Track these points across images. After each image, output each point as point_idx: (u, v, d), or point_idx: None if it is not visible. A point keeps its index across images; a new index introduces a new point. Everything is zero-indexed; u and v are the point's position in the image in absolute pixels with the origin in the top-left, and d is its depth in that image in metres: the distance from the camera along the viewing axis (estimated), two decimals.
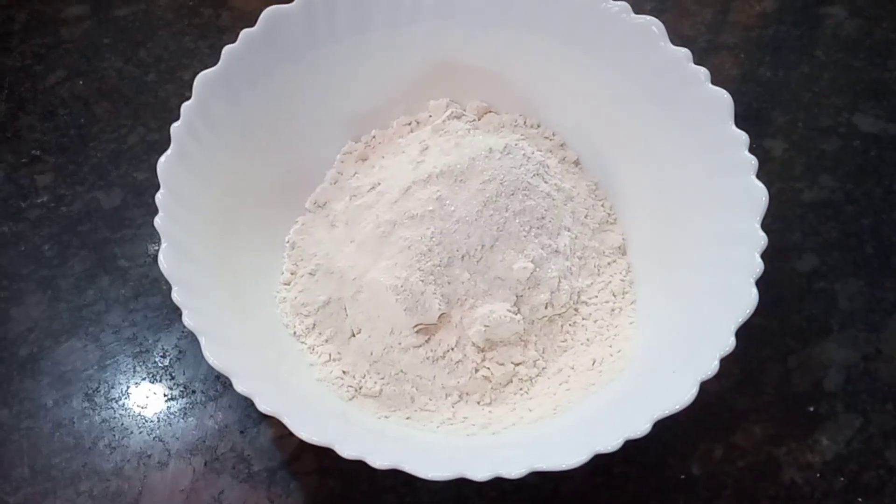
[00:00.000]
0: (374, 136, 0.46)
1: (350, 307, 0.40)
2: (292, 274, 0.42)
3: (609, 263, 0.42)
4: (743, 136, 0.37)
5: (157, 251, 0.35)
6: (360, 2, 0.44)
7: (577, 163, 0.45)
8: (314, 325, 0.40)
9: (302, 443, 0.31)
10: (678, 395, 0.32)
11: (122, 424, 0.40)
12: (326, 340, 0.40)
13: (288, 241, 0.43)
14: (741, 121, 0.38)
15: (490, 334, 0.38)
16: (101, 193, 0.49)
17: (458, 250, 0.38)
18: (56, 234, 0.47)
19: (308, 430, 0.31)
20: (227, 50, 0.40)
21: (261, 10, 0.41)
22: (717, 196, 0.37)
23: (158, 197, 0.36)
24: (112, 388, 0.42)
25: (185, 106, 0.39)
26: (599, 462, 0.31)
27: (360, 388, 0.38)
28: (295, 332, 0.40)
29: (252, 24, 0.41)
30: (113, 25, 0.57)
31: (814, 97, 0.52)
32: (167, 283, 0.34)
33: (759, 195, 0.35)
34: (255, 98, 0.42)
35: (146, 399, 0.41)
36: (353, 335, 0.40)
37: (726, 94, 0.38)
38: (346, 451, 0.31)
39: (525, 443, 0.35)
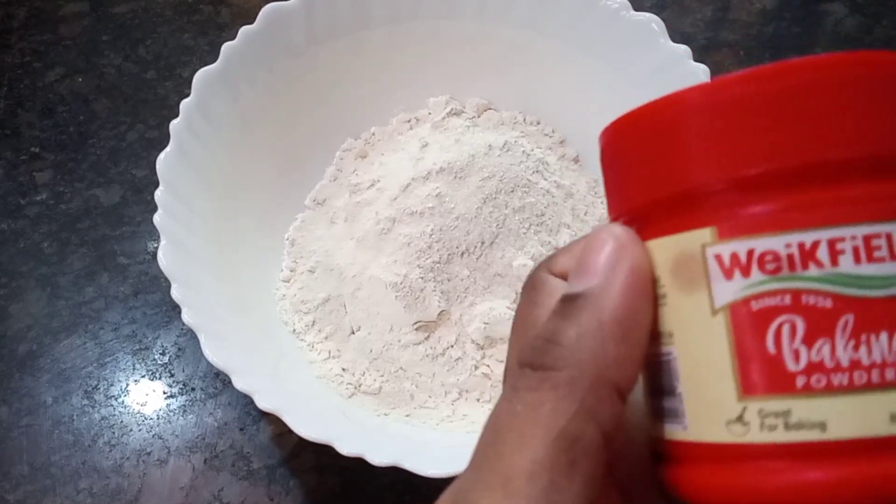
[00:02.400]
0: (373, 133, 0.46)
1: (350, 304, 0.40)
2: (292, 271, 0.42)
3: None
4: None
5: (157, 248, 0.35)
6: None
7: (576, 160, 0.45)
8: (314, 322, 0.40)
9: (301, 440, 0.31)
10: None
11: (122, 422, 0.40)
12: (326, 338, 0.40)
13: (287, 238, 0.43)
14: None
15: (490, 331, 0.38)
16: (101, 191, 0.49)
17: (457, 247, 0.38)
18: (55, 231, 0.47)
19: (307, 428, 0.31)
20: (226, 47, 0.40)
21: (260, 7, 0.41)
22: None
23: (158, 194, 0.36)
24: (111, 385, 0.42)
25: (184, 103, 0.39)
26: None
27: (360, 386, 0.38)
28: (294, 330, 0.40)
29: (251, 20, 0.41)
30: (112, 22, 0.57)
31: None
32: (166, 280, 0.34)
33: None
34: (254, 95, 0.42)
35: (145, 396, 0.41)
36: (353, 332, 0.39)
37: None
38: (346, 448, 0.31)
39: None
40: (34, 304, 0.44)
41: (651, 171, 0.17)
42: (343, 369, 0.39)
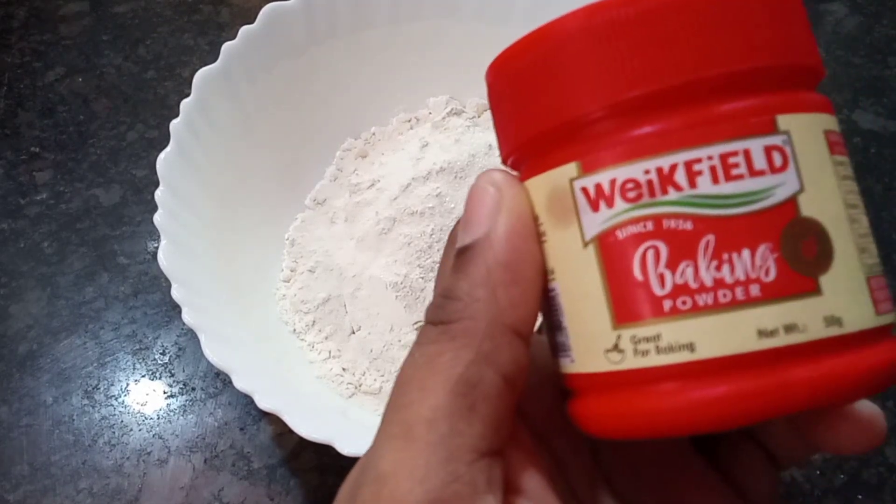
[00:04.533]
0: (373, 133, 0.46)
1: (350, 304, 0.40)
2: (292, 271, 0.42)
3: None
4: None
5: (157, 248, 0.35)
6: None
7: None
8: (314, 322, 0.40)
9: (302, 440, 0.31)
10: None
11: (122, 422, 0.40)
12: (326, 337, 0.40)
13: (287, 238, 0.43)
14: None
15: None
16: (101, 190, 0.49)
17: None
18: (55, 231, 0.47)
19: (308, 428, 0.31)
20: (226, 47, 0.40)
21: (260, 7, 0.41)
22: None
23: (158, 194, 0.36)
24: (111, 385, 0.42)
25: (184, 103, 0.39)
26: None
27: (360, 386, 0.38)
28: (294, 330, 0.40)
29: (252, 20, 0.41)
30: (112, 22, 0.57)
31: None
32: (167, 280, 0.34)
33: None
34: (254, 95, 0.42)
35: (146, 396, 0.41)
36: (353, 332, 0.39)
37: None
38: (346, 448, 0.31)
39: None
40: (34, 304, 0.44)
41: (524, 110, 0.17)
42: (343, 369, 0.39)
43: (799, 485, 0.38)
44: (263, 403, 0.31)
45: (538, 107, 0.17)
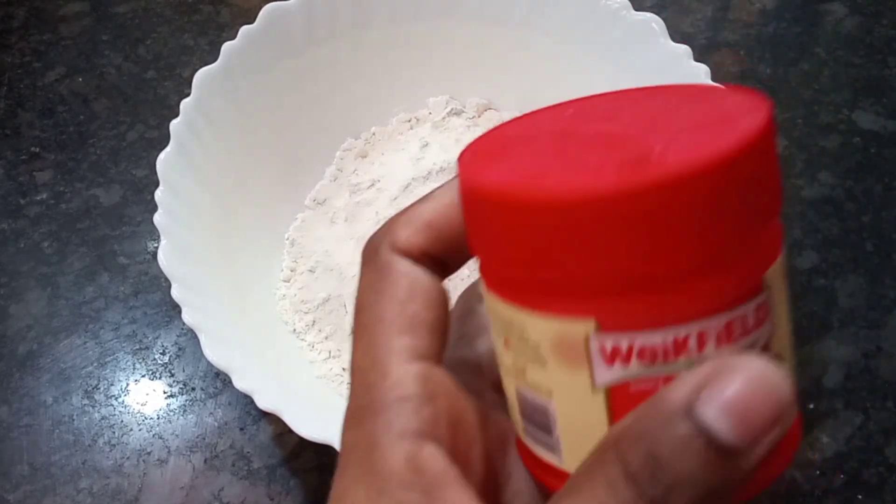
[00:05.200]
0: (373, 133, 0.46)
1: (350, 304, 0.40)
2: (292, 271, 0.42)
3: None
4: None
5: (157, 248, 0.35)
6: None
7: None
8: (314, 322, 0.40)
9: (301, 440, 0.31)
10: None
11: (122, 421, 0.40)
12: (326, 337, 0.40)
13: (288, 238, 0.43)
14: None
15: None
16: (101, 190, 0.49)
17: None
18: (55, 231, 0.47)
19: (308, 428, 0.31)
20: (226, 47, 0.40)
21: (260, 7, 0.41)
22: None
23: (158, 194, 0.36)
24: (111, 385, 0.42)
25: (184, 103, 0.39)
26: None
27: None
28: (295, 329, 0.40)
29: (251, 20, 0.41)
30: (112, 22, 0.57)
31: (814, 94, 0.52)
32: (167, 280, 0.34)
33: None
34: (254, 95, 0.42)
35: (146, 396, 0.41)
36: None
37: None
38: None
39: None
40: (34, 304, 0.44)
41: (532, 245, 0.16)
42: (343, 369, 0.39)
43: (799, 485, 0.38)
44: (263, 403, 0.31)
45: (554, 251, 0.16)
